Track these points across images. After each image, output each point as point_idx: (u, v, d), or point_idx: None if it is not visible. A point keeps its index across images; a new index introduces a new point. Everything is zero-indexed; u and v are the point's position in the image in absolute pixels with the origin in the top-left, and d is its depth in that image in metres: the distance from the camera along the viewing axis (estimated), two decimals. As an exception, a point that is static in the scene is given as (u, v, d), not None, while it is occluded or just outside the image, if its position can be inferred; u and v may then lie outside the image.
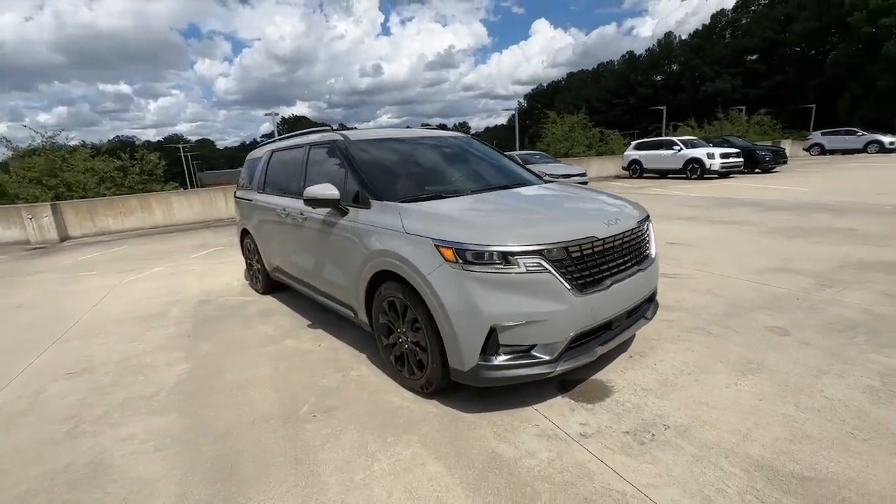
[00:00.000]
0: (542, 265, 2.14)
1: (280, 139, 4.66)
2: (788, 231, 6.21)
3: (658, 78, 77.42)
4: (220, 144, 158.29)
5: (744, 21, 65.36)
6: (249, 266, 5.15)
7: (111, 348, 3.68)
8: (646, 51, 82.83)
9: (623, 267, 2.49)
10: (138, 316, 4.49)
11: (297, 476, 1.98)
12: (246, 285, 5.39)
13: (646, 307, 2.78)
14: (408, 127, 3.88)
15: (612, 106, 75.11)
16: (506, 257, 2.13)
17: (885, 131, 26.26)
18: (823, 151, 25.50)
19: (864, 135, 24.60)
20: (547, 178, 3.73)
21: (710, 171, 15.52)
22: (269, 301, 4.68)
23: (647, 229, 2.80)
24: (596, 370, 2.70)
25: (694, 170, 15.87)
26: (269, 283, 4.76)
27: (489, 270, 2.14)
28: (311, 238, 3.42)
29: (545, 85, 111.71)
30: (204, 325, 4.07)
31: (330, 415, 2.46)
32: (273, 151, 4.50)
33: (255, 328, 3.91)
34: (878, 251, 4.86)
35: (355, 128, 4.14)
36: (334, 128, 3.82)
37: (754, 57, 63.00)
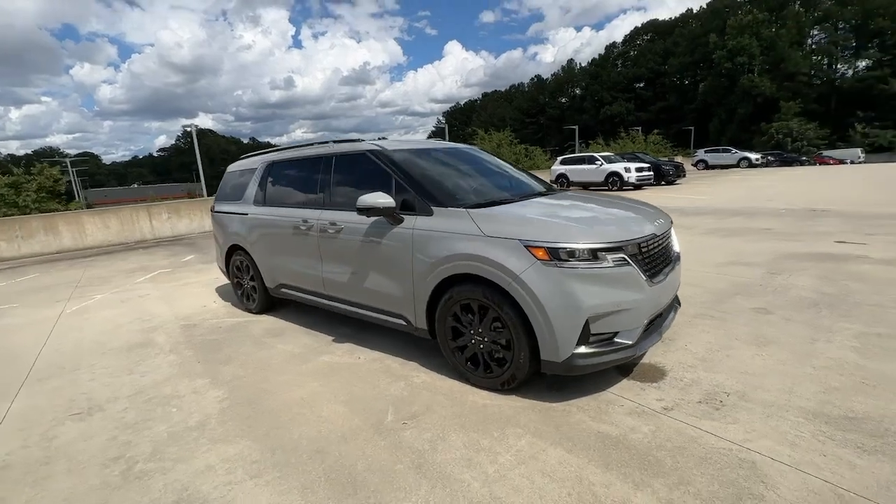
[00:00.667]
0: (625, 259, 2.40)
1: (278, 150, 4.47)
2: (721, 232, 7.29)
3: (564, 100, 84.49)
4: (107, 159, 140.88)
5: (632, 53, 74.18)
6: (238, 285, 4.79)
7: (110, 383, 3.23)
8: (552, 75, 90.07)
9: (667, 261, 2.85)
10: (117, 347, 3.96)
11: (429, 479, 1.98)
12: (229, 306, 5.00)
13: (676, 297, 3.18)
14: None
15: (526, 124, 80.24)
16: (594, 254, 2.36)
17: (750, 150, 31.61)
18: (707, 166, 29.85)
19: (736, 152, 29.31)
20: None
21: (627, 184, 17.42)
22: (271, 320, 4.41)
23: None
24: (642, 355, 3.01)
25: (614, 182, 17.68)
26: (267, 301, 4.49)
27: (581, 266, 2.34)
28: (350, 249, 3.35)
29: (462, 103, 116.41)
30: (210, 350, 3.73)
31: (419, 420, 2.46)
32: (272, 163, 4.31)
33: (275, 348, 3.69)
34: (797, 245, 5.93)
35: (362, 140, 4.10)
36: (361, 138, 3.79)
37: (642, 84, 71.59)
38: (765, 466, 1.91)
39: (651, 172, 18.01)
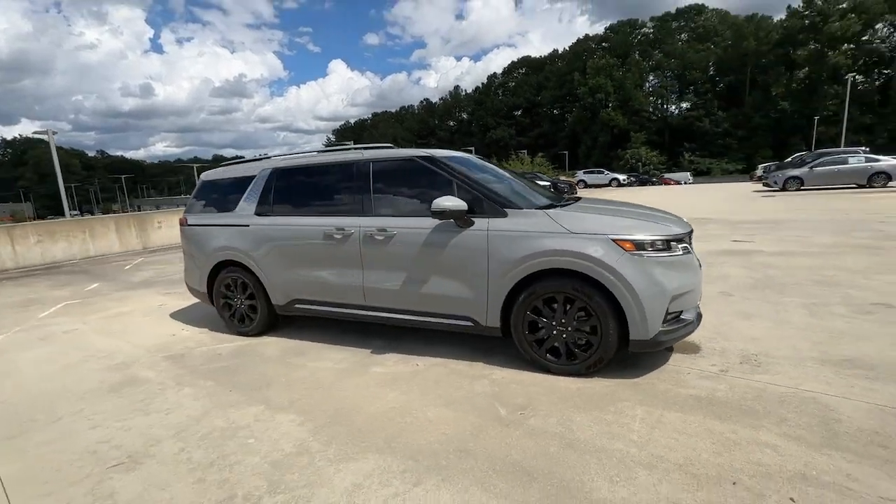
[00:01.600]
0: (687, 248, 2.86)
1: (279, 157, 4.15)
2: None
3: (452, 123, 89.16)
4: None
5: (511, 84, 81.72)
6: (227, 306, 4.25)
7: (128, 427, 2.66)
8: (440, 99, 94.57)
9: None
10: (94, 388, 3.24)
11: (590, 454, 2.12)
12: (208, 331, 4.39)
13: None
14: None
15: (418, 146, 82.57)
16: (668, 244, 2.78)
17: (615, 171, 37.22)
18: (587, 185, 34.20)
19: (608, 174, 34.18)
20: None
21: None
22: (277, 340, 4.01)
23: None
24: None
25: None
26: (269, 321, 4.08)
27: (660, 256, 2.74)
28: (405, 255, 3.30)
29: (352, 122, 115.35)
30: (230, 377, 3.28)
31: (533, 409, 2.57)
32: (278, 170, 3.99)
33: (308, 366, 3.40)
34: (707, 244, 7.30)
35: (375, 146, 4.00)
36: (391, 145, 3.73)
37: (520, 112, 79.07)
38: (824, 399, 2.46)
39: (553, 190, 20.09)
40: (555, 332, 2.94)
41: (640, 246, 2.71)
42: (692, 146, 56.61)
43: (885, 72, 50.12)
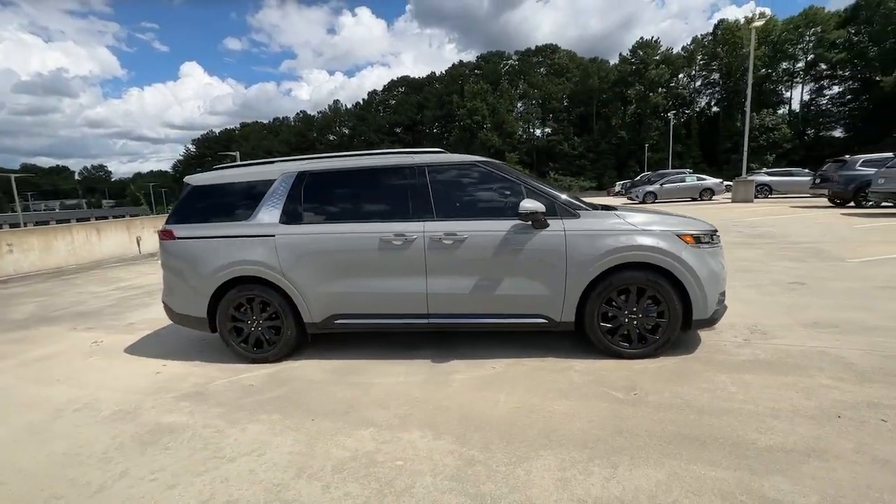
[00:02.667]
0: (719, 240, 3.46)
1: (305, 160, 3.77)
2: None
3: (333, 137, 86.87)
4: None
5: (391, 102, 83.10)
6: (237, 331, 3.64)
7: (225, 475, 2.17)
8: (318, 112, 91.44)
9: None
10: (118, 444, 2.53)
11: (725, 414, 2.45)
12: (202, 364, 3.72)
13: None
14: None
15: (298, 159, 78.47)
16: (712, 236, 3.33)
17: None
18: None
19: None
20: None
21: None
22: (309, 363, 3.59)
23: None
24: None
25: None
26: (297, 342, 3.64)
27: (710, 247, 3.27)
28: (477, 258, 3.30)
29: (217, 131, 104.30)
30: (297, 406, 2.86)
31: (639, 388, 2.82)
32: (307, 174, 3.62)
33: (380, 383, 3.15)
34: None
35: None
36: (438, 150, 3.66)
37: (400, 130, 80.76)
38: (830, 351, 3.20)
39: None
40: (626, 319, 3.26)
41: (697, 239, 3.20)
42: (556, 166, 64.49)
43: (686, 111, 64.12)
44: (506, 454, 2.23)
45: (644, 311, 3.24)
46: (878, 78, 45.41)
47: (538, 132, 72.20)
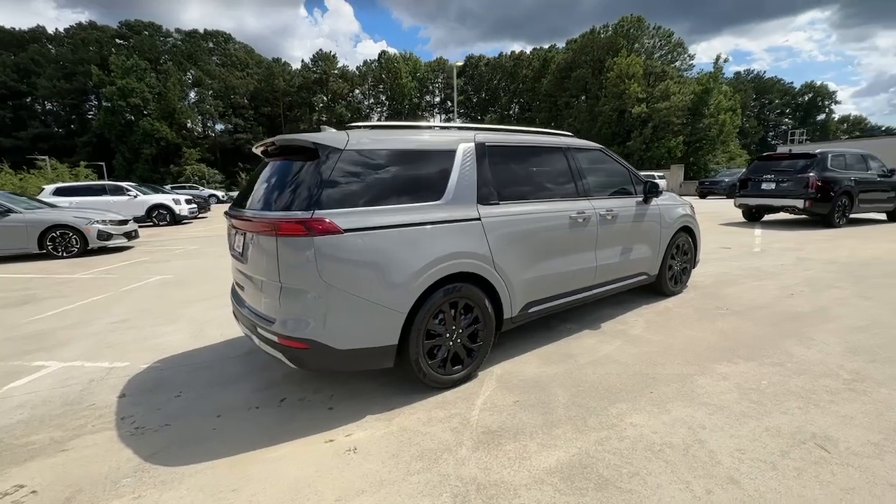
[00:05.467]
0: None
1: (477, 129, 3.11)
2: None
3: None
4: None
5: (-40, 55, 54.07)
6: (430, 352, 2.67)
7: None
8: None
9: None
10: None
11: (794, 337, 4.20)
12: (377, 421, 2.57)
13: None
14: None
15: None
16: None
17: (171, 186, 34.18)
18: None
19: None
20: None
21: (181, 217, 15.64)
22: (489, 371, 3.12)
23: None
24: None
25: (162, 216, 15.25)
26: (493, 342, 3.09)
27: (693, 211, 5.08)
28: (621, 231, 3.83)
29: None
30: (588, 407, 2.69)
31: (717, 312, 4.25)
32: (493, 147, 3.09)
33: (619, 360, 3.26)
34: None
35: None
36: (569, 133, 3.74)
37: (-11, 101, 54.31)
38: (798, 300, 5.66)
39: (195, 205, 17.00)
40: (678, 266, 4.66)
41: (692, 208, 4.93)
42: (247, 167, 59.59)
43: (364, 124, 72.80)
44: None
45: (682, 260, 4.72)
46: (478, 117, 66.25)
47: (220, 127, 64.34)
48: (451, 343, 2.78)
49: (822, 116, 73.08)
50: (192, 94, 61.09)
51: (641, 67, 45.63)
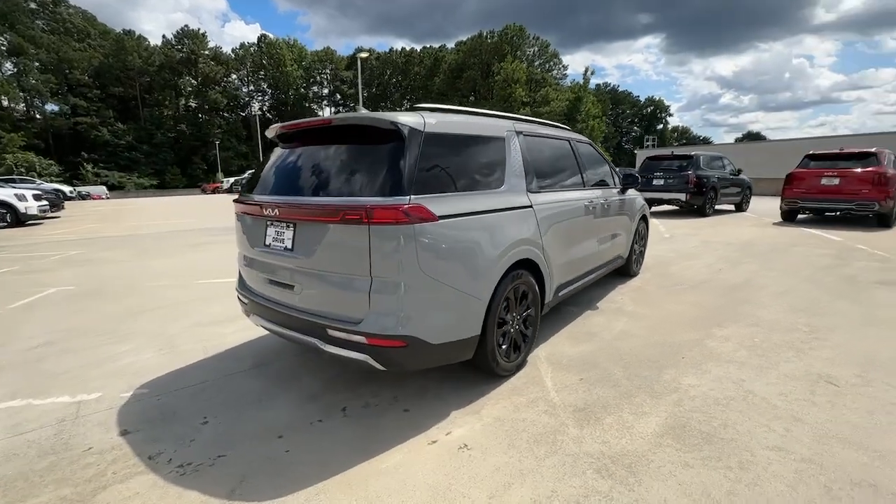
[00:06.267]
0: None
1: (513, 118, 3.15)
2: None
3: None
4: None
5: None
6: (501, 338, 2.64)
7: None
8: None
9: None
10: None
11: (848, 298, 5.01)
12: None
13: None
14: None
15: None
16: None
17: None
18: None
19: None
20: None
21: (27, 217, 12.59)
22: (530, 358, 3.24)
23: None
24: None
25: (2, 216, 12.10)
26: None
27: (639, 204, 5.79)
28: (610, 219, 4.19)
29: None
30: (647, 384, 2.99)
31: (726, 267, 4.94)
32: (528, 136, 3.18)
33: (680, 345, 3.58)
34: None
35: None
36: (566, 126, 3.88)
37: None
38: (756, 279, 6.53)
39: (45, 201, 13.74)
40: (639, 249, 5.27)
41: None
42: (93, 157, 49.97)
43: (242, 114, 66.30)
44: None
45: (640, 245, 5.34)
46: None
47: (52, 108, 52.63)
48: (512, 330, 2.79)
49: (661, 126, 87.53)
50: (9, 65, 48.92)
51: (525, 74, 49.52)
